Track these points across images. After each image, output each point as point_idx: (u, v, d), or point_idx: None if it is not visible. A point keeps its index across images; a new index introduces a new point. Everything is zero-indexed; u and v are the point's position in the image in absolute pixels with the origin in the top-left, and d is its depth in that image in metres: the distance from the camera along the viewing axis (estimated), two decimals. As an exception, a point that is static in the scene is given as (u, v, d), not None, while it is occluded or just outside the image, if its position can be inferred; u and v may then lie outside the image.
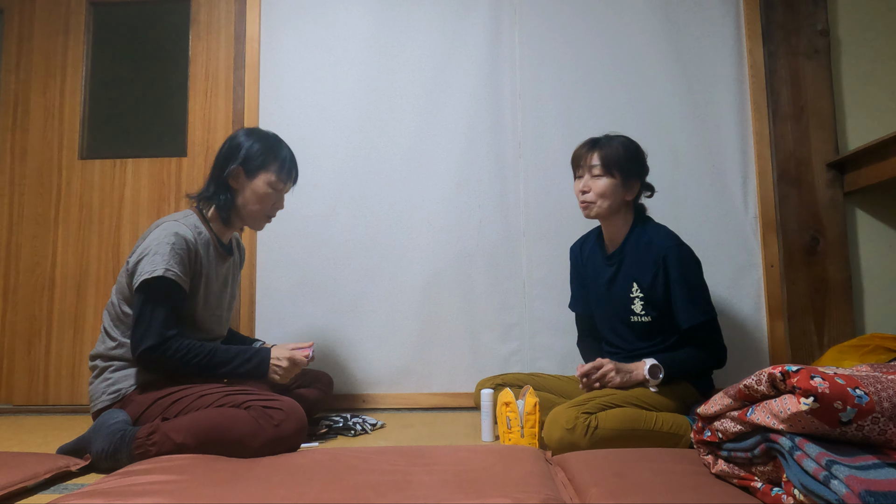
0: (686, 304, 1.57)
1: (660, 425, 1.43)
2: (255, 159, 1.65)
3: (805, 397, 0.86)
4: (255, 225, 1.72)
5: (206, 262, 1.61)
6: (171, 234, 1.52)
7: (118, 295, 1.57)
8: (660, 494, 1.01)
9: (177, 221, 1.57)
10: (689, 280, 1.59)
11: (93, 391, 1.54)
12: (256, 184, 1.66)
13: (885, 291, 2.07)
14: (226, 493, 1.06)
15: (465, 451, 1.33)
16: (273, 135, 1.72)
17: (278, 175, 1.68)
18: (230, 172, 1.64)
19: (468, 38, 2.27)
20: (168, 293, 1.49)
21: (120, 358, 1.54)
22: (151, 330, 1.46)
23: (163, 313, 1.48)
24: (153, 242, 1.51)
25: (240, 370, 1.56)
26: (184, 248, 1.52)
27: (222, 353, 1.55)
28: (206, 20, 2.40)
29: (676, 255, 1.59)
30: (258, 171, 1.66)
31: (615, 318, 1.69)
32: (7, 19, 2.46)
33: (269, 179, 1.66)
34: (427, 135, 2.25)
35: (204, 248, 1.61)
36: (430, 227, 2.22)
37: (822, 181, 2.10)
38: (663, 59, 2.20)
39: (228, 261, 1.74)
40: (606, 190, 1.64)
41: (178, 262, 1.50)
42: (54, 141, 2.39)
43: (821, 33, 2.15)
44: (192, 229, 1.58)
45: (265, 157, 1.66)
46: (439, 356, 2.18)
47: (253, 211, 1.68)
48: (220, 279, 1.69)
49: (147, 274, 1.47)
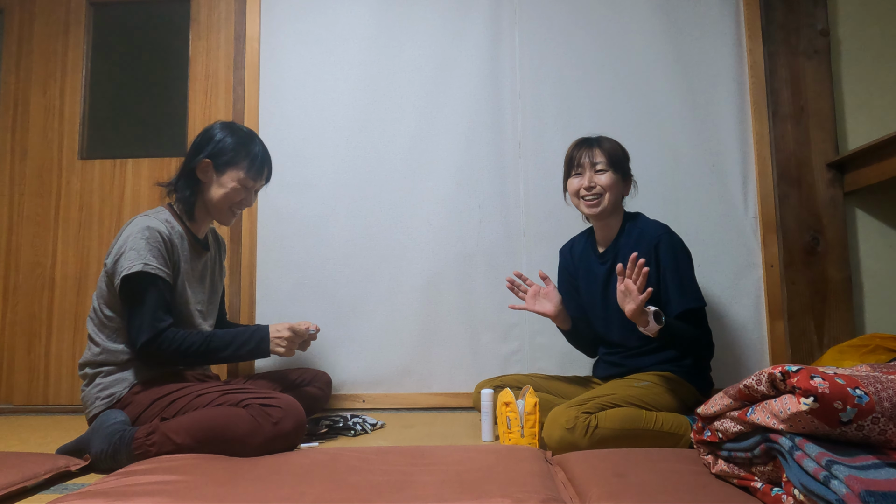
0: (678, 290, 1.58)
1: (660, 425, 1.43)
2: (226, 154, 1.64)
3: (805, 397, 0.86)
4: (221, 219, 1.71)
5: (183, 255, 1.61)
6: (143, 229, 1.51)
7: (99, 300, 1.56)
8: (660, 494, 1.01)
9: (147, 216, 1.57)
10: (681, 267, 1.60)
11: (86, 397, 1.54)
12: (224, 179, 1.65)
13: (885, 291, 2.07)
14: (226, 493, 1.06)
15: (465, 451, 1.33)
16: (248, 131, 1.71)
17: (247, 172, 1.66)
18: (198, 164, 1.63)
19: (468, 38, 2.27)
20: (150, 286, 1.49)
21: (108, 363, 1.53)
22: (144, 325, 1.46)
23: (151, 307, 1.48)
24: (127, 240, 1.51)
25: (241, 351, 1.56)
26: (158, 241, 1.52)
27: (219, 338, 1.54)
28: (206, 20, 2.40)
29: (668, 242, 1.61)
30: (227, 167, 1.65)
31: (614, 316, 1.69)
32: (7, 19, 2.46)
33: (237, 176, 1.65)
34: (427, 135, 2.25)
35: (179, 241, 1.60)
36: (430, 227, 2.22)
37: (822, 181, 2.10)
38: (663, 60, 2.20)
39: (205, 255, 1.73)
40: (612, 184, 1.67)
41: (156, 256, 1.50)
42: (54, 141, 2.39)
43: (821, 33, 2.15)
44: (164, 223, 1.57)
45: (236, 152, 1.65)
46: (439, 356, 2.18)
47: (218, 205, 1.66)
48: (198, 273, 1.68)
49: (126, 270, 1.47)
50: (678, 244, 1.64)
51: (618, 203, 1.71)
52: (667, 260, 1.60)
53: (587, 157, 1.68)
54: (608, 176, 1.66)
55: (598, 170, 1.67)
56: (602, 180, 1.66)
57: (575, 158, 1.71)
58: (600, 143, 1.69)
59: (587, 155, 1.68)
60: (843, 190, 2.09)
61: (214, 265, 1.79)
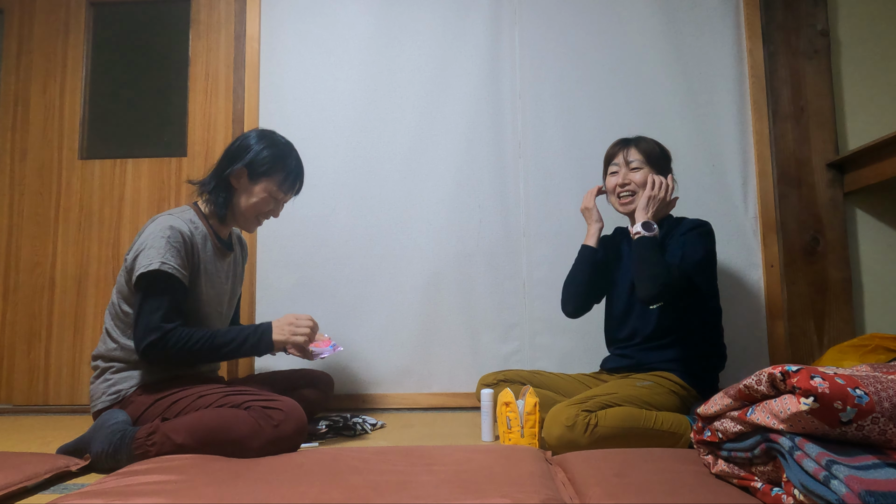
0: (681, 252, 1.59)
1: (660, 424, 1.43)
2: (262, 165, 1.64)
3: (805, 397, 0.86)
4: (246, 226, 1.72)
5: (205, 256, 1.61)
6: (165, 228, 1.51)
7: (118, 294, 1.57)
8: (660, 494, 1.01)
9: (171, 216, 1.58)
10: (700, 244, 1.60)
11: (93, 391, 1.54)
12: (257, 189, 1.65)
13: (885, 291, 2.07)
14: (226, 493, 1.06)
15: (465, 451, 1.33)
16: (285, 143, 1.70)
17: (280, 186, 1.67)
18: (233, 171, 1.64)
19: (468, 38, 2.27)
20: (166, 286, 1.49)
21: (120, 360, 1.54)
22: (151, 325, 1.46)
23: (162, 307, 1.47)
24: (149, 237, 1.51)
25: (245, 346, 1.55)
26: (179, 241, 1.52)
27: (222, 335, 1.54)
28: (206, 20, 2.40)
29: (705, 230, 1.64)
30: (262, 178, 1.65)
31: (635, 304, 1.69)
32: (7, 19, 2.46)
33: (270, 188, 1.66)
34: (427, 135, 2.25)
35: (201, 241, 1.60)
36: (430, 227, 2.22)
37: (822, 181, 2.10)
38: (663, 59, 2.20)
39: (229, 256, 1.73)
40: (646, 181, 1.68)
41: (175, 255, 1.50)
42: (54, 141, 2.39)
43: (821, 33, 2.15)
44: (188, 223, 1.57)
45: (273, 165, 1.65)
46: (439, 356, 2.18)
47: (246, 213, 1.67)
48: (221, 274, 1.69)
49: (143, 268, 1.47)
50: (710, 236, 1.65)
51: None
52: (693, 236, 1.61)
53: (623, 155, 1.71)
54: (643, 174, 1.68)
55: (633, 167, 1.69)
56: (636, 178, 1.68)
57: (611, 157, 1.75)
58: (637, 143, 1.72)
59: (621, 154, 1.72)
60: (843, 190, 2.09)
61: (237, 267, 1.80)
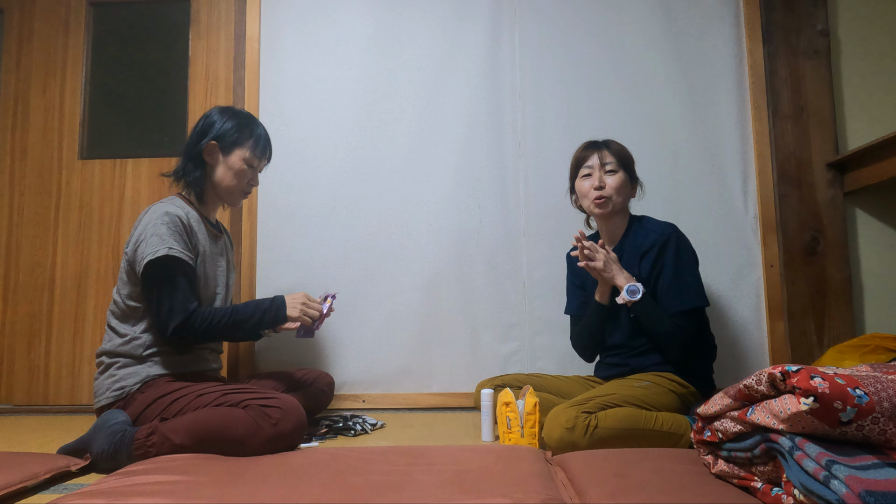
0: (677, 290, 1.58)
1: (660, 425, 1.43)
2: (231, 135, 1.69)
3: (805, 397, 0.86)
4: (232, 200, 1.75)
5: (202, 237, 1.64)
6: (163, 214, 1.53)
7: (121, 291, 1.58)
8: (660, 494, 1.01)
9: (164, 203, 1.60)
10: (683, 268, 1.60)
11: (97, 387, 1.55)
12: (232, 160, 1.69)
13: (885, 291, 2.07)
14: (226, 493, 1.06)
15: (465, 451, 1.33)
16: (247, 113, 1.76)
17: (253, 151, 1.72)
18: (203, 148, 1.67)
19: (468, 38, 2.26)
20: (177, 270, 1.51)
21: (125, 354, 1.54)
22: (175, 308, 1.48)
23: (179, 290, 1.50)
24: (148, 226, 1.53)
25: (264, 319, 1.59)
26: (179, 226, 1.54)
27: (241, 310, 1.58)
28: (206, 20, 2.40)
29: (675, 242, 1.62)
30: (234, 147, 1.69)
31: (621, 317, 1.68)
32: (7, 19, 2.46)
33: (244, 156, 1.70)
34: (427, 135, 2.25)
35: (196, 224, 1.63)
36: (430, 227, 2.22)
37: (822, 181, 2.10)
38: (663, 60, 2.20)
39: (221, 239, 1.77)
40: (621, 185, 1.69)
41: (178, 240, 1.53)
42: (54, 141, 2.39)
43: (821, 33, 2.15)
44: (181, 208, 1.60)
45: (240, 133, 1.70)
46: (439, 356, 2.17)
47: (229, 186, 1.71)
48: (217, 256, 1.72)
49: (151, 256, 1.48)
50: (684, 245, 1.64)
51: (625, 204, 1.73)
52: (669, 258, 1.61)
53: (597, 158, 1.70)
54: (618, 177, 1.68)
55: (609, 170, 1.69)
56: (612, 181, 1.68)
57: (584, 160, 1.73)
58: (609, 145, 1.72)
59: (597, 156, 1.70)
60: (843, 190, 2.09)
61: (228, 252, 1.83)
